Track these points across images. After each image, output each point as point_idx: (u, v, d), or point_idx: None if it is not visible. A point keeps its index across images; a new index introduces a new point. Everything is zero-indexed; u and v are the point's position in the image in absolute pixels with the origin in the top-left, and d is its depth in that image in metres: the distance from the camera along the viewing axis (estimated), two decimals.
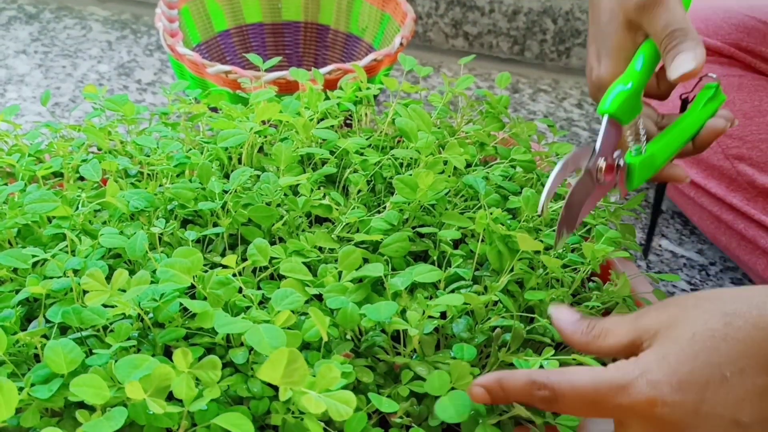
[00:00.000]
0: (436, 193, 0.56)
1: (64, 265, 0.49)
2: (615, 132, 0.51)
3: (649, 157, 0.53)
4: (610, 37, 0.55)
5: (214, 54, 1.07)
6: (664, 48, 0.51)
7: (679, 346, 0.39)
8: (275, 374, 0.38)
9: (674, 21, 0.51)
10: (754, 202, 0.74)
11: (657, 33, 0.52)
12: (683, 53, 0.50)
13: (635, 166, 0.53)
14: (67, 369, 0.42)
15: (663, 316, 0.42)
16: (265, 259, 0.51)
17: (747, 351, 0.39)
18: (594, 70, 0.57)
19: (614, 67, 0.55)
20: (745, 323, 0.40)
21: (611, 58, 0.55)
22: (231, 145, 0.59)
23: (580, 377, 0.40)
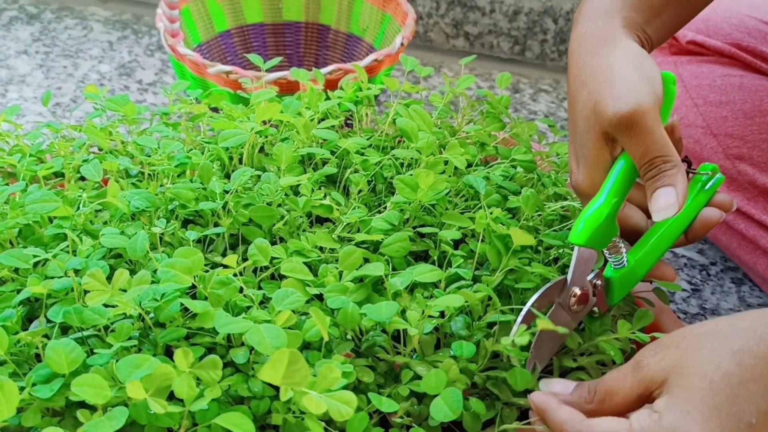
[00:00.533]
0: (436, 193, 0.56)
1: (65, 265, 0.50)
2: (589, 257, 0.50)
3: (630, 271, 0.51)
4: (586, 146, 0.51)
5: (215, 54, 1.07)
6: (643, 175, 0.48)
7: (699, 398, 0.39)
8: (276, 375, 0.38)
9: (654, 147, 0.47)
10: (755, 201, 0.74)
11: (635, 157, 0.48)
12: (665, 191, 0.46)
13: (615, 281, 0.51)
14: (68, 369, 0.42)
15: (666, 362, 0.41)
16: (265, 259, 0.51)
17: (765, 390, 0.39)
18: (572, 174, 0.54)
19: (590, 178, 0.51)
20: (756, 360, 0.40)
21: (588, 168, 0.51)
22: (232, 145, 0.59)
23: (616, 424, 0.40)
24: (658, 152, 0.47)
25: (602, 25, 0.53)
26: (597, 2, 0.55)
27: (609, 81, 0.49)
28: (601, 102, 0.49)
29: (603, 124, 0.49)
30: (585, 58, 0.52)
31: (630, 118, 0.47)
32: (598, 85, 0.50)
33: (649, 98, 0.47)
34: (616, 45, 0.51)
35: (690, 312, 0.80)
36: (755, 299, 0.82)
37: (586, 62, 0.52)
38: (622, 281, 0.51)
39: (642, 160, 0.47)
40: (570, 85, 0.55)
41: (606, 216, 0.48)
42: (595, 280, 0.50)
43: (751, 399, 0.39)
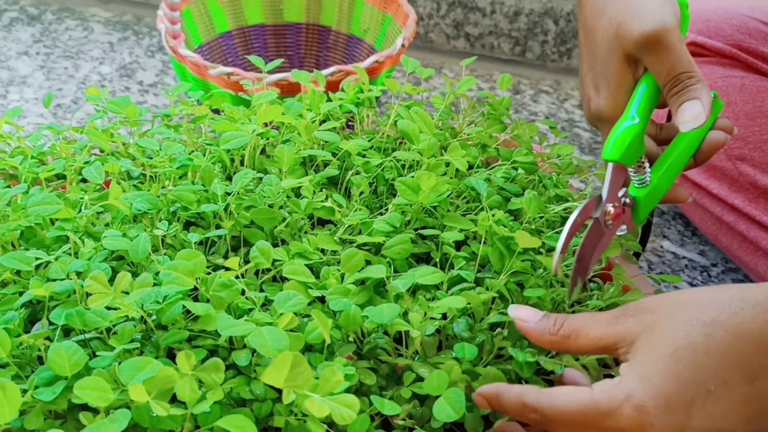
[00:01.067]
0: (438, 195, 0.56)
1: (67, 268, 0.50)
2: (620, 175, 0.51)
3: (653, 189, 0.53)
4: (608, 69, 0.53)
5: (216, 55, 1.07)
6: (668, 92, 0.50)
7: (663, 364, 0.40)
8: (279, 377, 0.38)
9: (679, 64, 0.49)
10: (756, 203, 0.74)
11: (661, 75, 0.49)
12: (690, 103, 0.48)
13: (641, 199, 0.53)
14: (70, 371, 0.42)
15: (640, 325, 0.42)
16: (267, 261, 0.51)
17: (729, 362, 0.40)
18: (592, 101, 0.55)
19: (614, 100, 0.53)
20: (725, 333, 0.40)
21: (610, 91, 0.53)
22: (233, 147, 0.59)
23: (568, 402, 0.41)
24: (683, 68, 0.48)
25: None
26: None
27: (630, 6, 0.50)
28: (625, 24, 0.50)
29: (627, 46, 0.50)
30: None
31: (656, 36, 0.48)
32: (619, 10, 0.51)
33: (672, 18, 0.49)
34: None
35: None
36: None
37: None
38: (646, 199, 0.53)
39: (668, 77, 0.49)
40: (585, 16, 0.55)
41: (637, 133, 0.50)
42: (624, 198, 0.52)
43: (713, 368, 0.39)
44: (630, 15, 0.50)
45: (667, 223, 0.91)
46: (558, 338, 0.44)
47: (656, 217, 0.92)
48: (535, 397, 0.42)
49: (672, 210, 0.93)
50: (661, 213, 0.93)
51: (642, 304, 0.44)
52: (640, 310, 0.43)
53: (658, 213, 0.93)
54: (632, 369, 0.41)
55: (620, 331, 0.42)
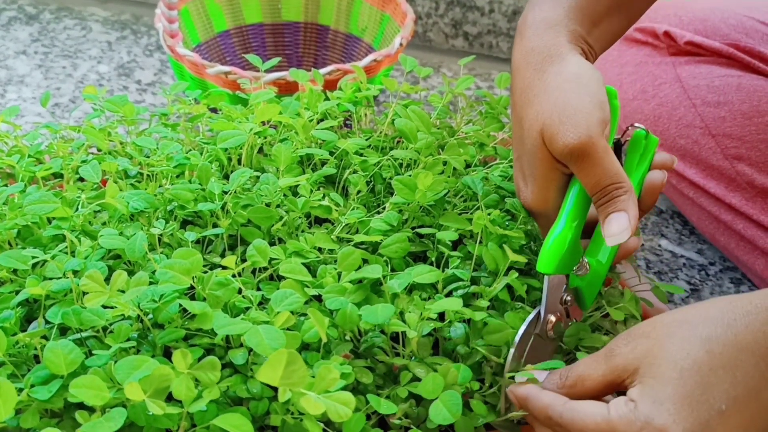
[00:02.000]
0: (435, 194, 0.56)
1: (63, 266, 0.49)
2: (559, 282, 0.50)
3: (593, 273, 0.51)
4: (535, 165, 0.51)
5: (214, 54, 1.07)
6: (596, 202, 0.48)
7: (671, 387, 0.40)
8: (274, 375, 0.38)
9: (605, 176, 0.47)
10: (753, 202, 0.74)
11: (588, 186, 0.48)
12: (616, 216, 0.47)
13: (583, 288, 0.51)
14: (66, 370, 0.42)
15: (638, 351, 0.42)
16: (264, 259, 0.51)
17: (734, 378, 0.40)
18: (522, 192, 0.53)
19: (542, 196, 0.51)
20: (724, 347, 0.41)
21: (538, 186, 0.51)
22: (230, 146, 0.59)
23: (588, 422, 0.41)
24: (610, 180, 0.47)
25: (548, 40, 0.52)
26: (540, 14, 0.54)
27: (557, 107, 0.48)
28: (551, 127, 0.48)
29: (553, 150, 0.48)
30: (532, 76, 0.51)
31: (580, 149, 0.47)
32: (546, 108, 0.49)
33: (598, 127, 0.47)
34: (563, 62, 0.51)
35: None
36: None
37: (533, 80, 0.51)
38: (589, 286, 0.51)
39: (595, 189, 0.48)
40: (515, 101, 0.53)
41: (570, 241, 0.48)
42: (566, 297, 0.51)
43: (720, 386, 0.40)
44: (556, 118, 0.48)
45: (665, 222, 0.91)
46: (566, 390, 0.45)
47: (654, 216, 0.92)
48: (558, 411, 0.43)
49: (670, 209, 0.93)
50: (659, 212, 0.93)
51: (633, 331, 0.44)
52: (633, 338, 0.43)
53: (656, 212, 0.93)
54: (643, 394, 0.41)
55: (619, 363, 0.43)
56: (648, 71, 0.85)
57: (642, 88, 0.84)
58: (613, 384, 0.43)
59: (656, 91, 0.82)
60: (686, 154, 0.80)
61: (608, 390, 0.44)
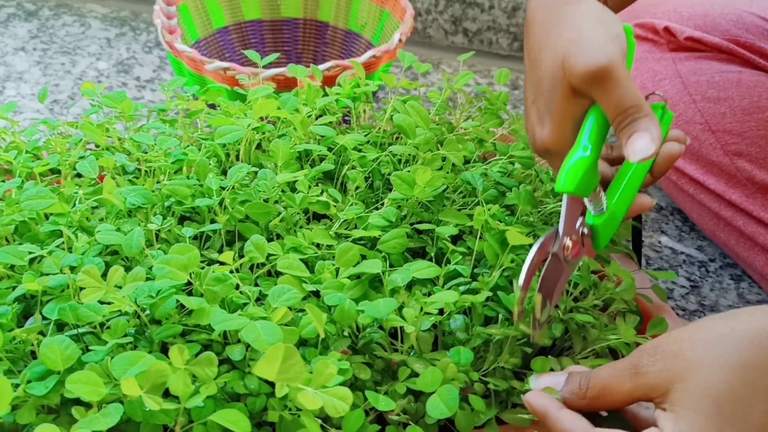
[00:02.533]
0: (433, 190, 0.56)
1: (60, 262, 0.49)
2: (576, 206, 0.51)
3: (610, 215, 0.52)
4: (553, 102, 0.51)
5: (213, 51, 1.07)
6: (617, 126, 0.48)
7: (704, 418, 0.39)
8: (271, 370, 0.37)
9: (627, 98, 0.47)
10: (753, 198, 0.74)
11: (609, 109, 0.48)
12: (640, 135, 0.47)
13: (599, 227, 0.52)
14: (63, 366, 0.42)
15: (668, 373, 0.41)
16: (262, 255, 0.51)
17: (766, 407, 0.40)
18: (537, 133, 0.53)
19: (560, 132, 0.51)
20: (760, 373, 0.40)
21: (556, 124, 0.51)
22: (228, 141, 0.58)
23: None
24: (631, 102, 0.47)
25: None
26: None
27: (577, 39, 0.49)
28: (571, 57, 0.49)
29: (573, 80, 0.49)
30: (550, 18, 0.52)
31: (603, 72, 0.47)
32: (565, 43, 0.50)
33: (618, 52, 0.48)
34: (579, 3, 0.52)
35: (689, 309, 0.80)
36: (754, 296, 0.82)
37: (551, 21, 0.52)
38: (605, 226, 0.52)
39: (616, 111, 0.48)
40: (530, 46, 0.54)
41: (590, 164, 0.49)
42: (582, 229, 0.51)
43: (755, 416, 0.39)
44: (576, 48, 0.49)
45: (665, 219, 0.91)
46: (587, 401, 0.44)
47: (654, 212, 0.92)
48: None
49: (670, 205, 0.93)
50: (659, 209, 0.93)
51: (662, 347, 0.43)
52: (663, 356, 0.42)
53: (656, 209, 0.93)
54: (677, 426, 0.40)
55: (648, 382, 0.42)
56: (648, 67, 0.84)
57: (642, 84, 0.84)
58: (639, 399, 0.43)
59: (656, 86, 0.82)
60: (686, 150, 0.80)
61: (631, 403, 0.43)
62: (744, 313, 0.43)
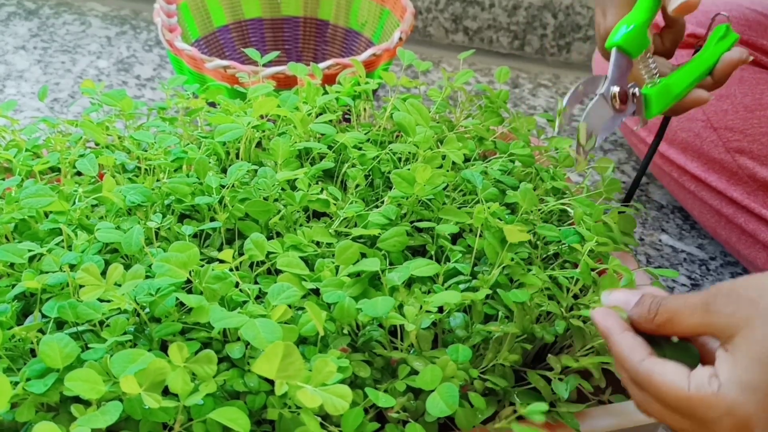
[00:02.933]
0: (433, 188, 0.55)
1: (60, 260, 0.49)
2: (625, 64, 0.54)
3: (664, 87, 0.55)
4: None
5: (213, 49, 1.07)
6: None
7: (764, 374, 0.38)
8: (271, 368, 0.37)
9: None
10: (755, 195, 0.74)
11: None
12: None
13: (652, 96, 0.55)
14: (62, 363, 0.42)
15: (738, 318, 0.40)
16: (261, 253, 0.51)
17: None
18: (601, 25, 0.58)
19: (619, 14, 0.56)
20: None
21: (616, 7, 0.56)
22: (228, 139, 0.58)
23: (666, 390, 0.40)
24: None
25: None
26: None
27: None
28: None
29: None
30: None
31: None
32: None
33: None
34: None
35: None
36: None
37: None
38: (658, 96, 0.55)
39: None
40: None
41: (638, 22, 0.52)
42: (633, 89, 0.55)
43: None
44: None
45: (666, 217, 0.91)
46: (654, 326, 0.43)
47: (655, 210, 0.92)
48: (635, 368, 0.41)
49: (671, 204, 0.93)
50: (659, 207, 0.93)
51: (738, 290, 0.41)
52: (737, 300, 0.41)
53: (657, 207, 0.93)
54: (732, 374, 0.39)
55: (717, 323, 0.41)
56: None
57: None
58: (704, 335, 0.42)
59: None
60: (688, 147, 0.80)
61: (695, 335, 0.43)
62: None
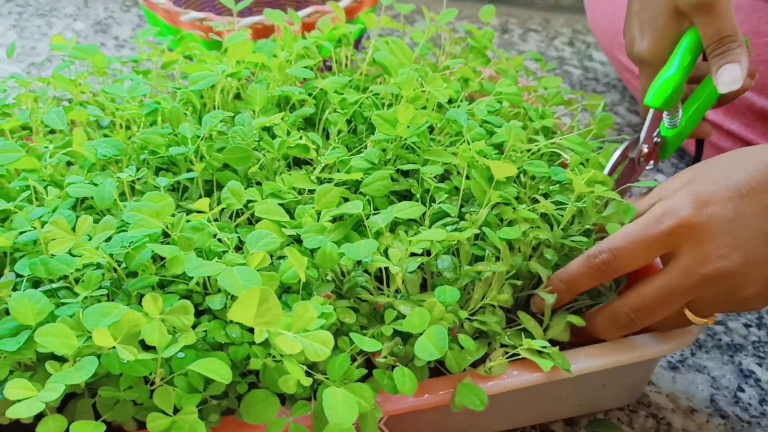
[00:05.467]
0: (417, 128, 0.53)
1: (29, 217, 0.47)
2: (658, 119, 0.58)
3: (681, 129, 0.59)
4: (657, 17, 0.57)
5: (191, 4, 1.03)
6: (711, 52, 0.54)
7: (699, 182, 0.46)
8: (247, 314, 0.36)
9: (725, 27, 0.53)
10: (753, 127, 0.72)
11: (706, 36, 0.54)
12: (731, 67, 0.52)
13: (669, 138, 0.59)
14: (34, 320, 0.40)
15: (682, 180, 0.48)
16: (239, 201, 0.49)
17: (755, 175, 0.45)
18: (636, 43, 0.60)
19: (657, 47, 0.58)
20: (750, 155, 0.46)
21: (655, 38, 0.58)
22: (203, 87, 0.56)
23: (631, 226, 0.46)
24: (728, 32, 0.53)
25: None
26: None
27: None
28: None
29: (680, 3, 0.55)
30: None
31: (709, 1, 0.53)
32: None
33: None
34: None
35: None
36: None
37: None
38: (674, 138, 0.60)
39: (713, 39, 0.53)
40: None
41: (678, 83, 0.55)
42: (656, 138, 0.59)
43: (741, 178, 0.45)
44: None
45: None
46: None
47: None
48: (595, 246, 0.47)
49: None
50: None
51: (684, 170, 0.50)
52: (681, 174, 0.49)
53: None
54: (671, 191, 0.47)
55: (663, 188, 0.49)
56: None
57: None
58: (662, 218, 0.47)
59: None
60: None
61: None
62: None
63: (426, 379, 0.45)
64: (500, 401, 0.46)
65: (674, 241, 0.44)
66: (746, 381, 0.60)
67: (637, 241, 0.45)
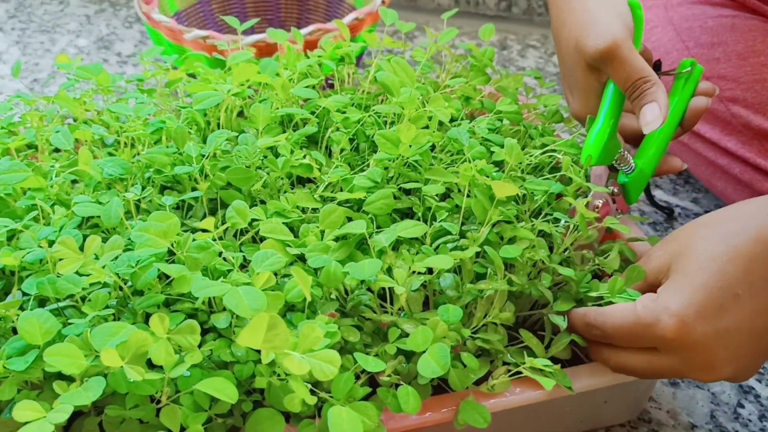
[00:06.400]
0: (419, 147, 0.54)
1: (36, 236, 0.48)
2: (602, 173, 0.58)
3: (639, 172, 0.58)
4: (576, 78, 0.58)
5: (194, 22, 1.04)
6: (630, 97, 0.54)
7: (690, 277, 0.45)
8: (256, 340, 0.36)
9: (634, 72, 0.53)
10: (750, 145, 0.72)
11: (620, 83, 0.54)
12: (649, 107, 0.52)
13: (629, 184, 0.59)
14: (42, 340, 0.41)
15: (668, 253, 0.48)
16: (244, 221, 0.49)
17: (751, 266, 0.44)
18: (570, 103, 0.62)
19: (585, 104, 0.59)
20: (745, 241, 0.45)
21: (581, 96, 0.59)
22: (207, 106, 0.57)
23: (619, 320, 0.46)
24: (638, 75, 0.53)
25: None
26: None
27: (586, 21, 0.56)
28: (582, 39, 0.55)
29: (586, 58, 0.56)
30: (563, 6, 0.60)
31: (609, 51, 0.54)
32: (576, 26, 0.57)
33: (622, 32, 0.54)
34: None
35: None
36: None
37: (564, 10, 0.59)
38: (634, 183, 0.59)
39: (626, 85, 0.54)
40: (553, 25, 0.62)
41: (607, 137, 0.55)
42: (614, 189, 0.58)
43: (737, 274, 0.44)
44: (585, 31, 0.55)
45: None
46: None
47: None
48: (593, 316, 0.48)
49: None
50: None
51: (666, 237, 0.50)
52: (666, 242, 0.49)
53: None
54: (667, 287, 0.45)
55: (654, 265, 0.48)
56: None
57: None
58: (653, 285, 0.48)
59: (648, 35, 0.80)
60: None
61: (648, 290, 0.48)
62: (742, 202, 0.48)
63: (429, 397, 0.46)
64: (503, 419, 0.47)
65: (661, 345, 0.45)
66: (746, 397, 0.61)
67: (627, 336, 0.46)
